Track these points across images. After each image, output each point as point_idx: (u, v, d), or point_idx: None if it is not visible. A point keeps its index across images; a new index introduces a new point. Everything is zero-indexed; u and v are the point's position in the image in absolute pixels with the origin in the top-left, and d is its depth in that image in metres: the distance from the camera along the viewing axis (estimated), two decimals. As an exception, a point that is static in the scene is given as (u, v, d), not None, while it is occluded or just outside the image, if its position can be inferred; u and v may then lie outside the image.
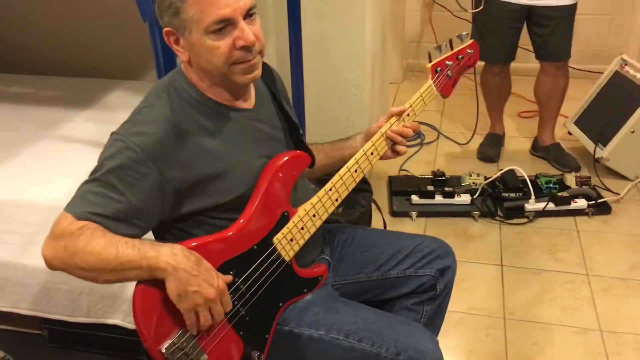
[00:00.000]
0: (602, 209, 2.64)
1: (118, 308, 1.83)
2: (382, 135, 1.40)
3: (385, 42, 3.29)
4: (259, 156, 1.30)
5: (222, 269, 1.19)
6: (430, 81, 1.49)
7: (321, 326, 1.30)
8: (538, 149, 3.11)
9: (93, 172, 1.18)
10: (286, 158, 1.31)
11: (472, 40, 1.59)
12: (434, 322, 1.56)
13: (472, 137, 3.18)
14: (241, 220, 1.24)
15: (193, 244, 1.17)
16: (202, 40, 1.16)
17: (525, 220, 2.60)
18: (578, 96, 3.16)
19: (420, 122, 3.46)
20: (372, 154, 1.39)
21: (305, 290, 1.36)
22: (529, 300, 2.18)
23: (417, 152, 3.19)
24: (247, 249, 1.24)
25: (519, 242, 2.48)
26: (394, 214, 2.67)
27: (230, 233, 1.22)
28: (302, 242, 1.31)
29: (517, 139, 3.30)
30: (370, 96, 2.90)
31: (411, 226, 2.61)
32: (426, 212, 2.66)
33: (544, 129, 3.05)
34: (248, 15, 1.18)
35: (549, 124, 3.05)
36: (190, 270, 1.10)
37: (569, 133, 3.17)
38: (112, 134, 1.21)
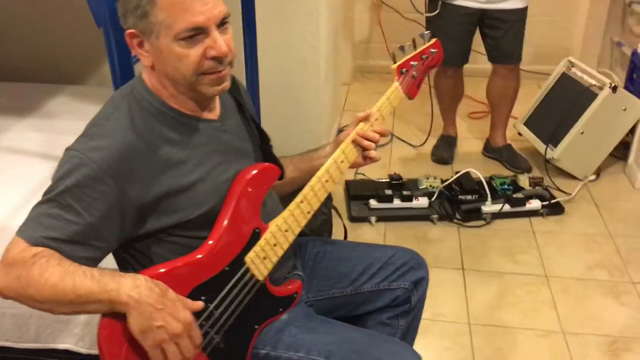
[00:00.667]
0: (556, 209, 2.68)
1: (70, 332, 1.70)
2: (351, 142, 1.35)
3: (337, 45, 3.26)
4: (226, 169, 1.22)
5: (193, 294, 1.11)
6: (396, 83, 1.44)
7: (300, 347, 1.24)
8: (490, 150, 3.15)
9: (47, 192, 1.08)
10: (255, 171, 1.23)
11: (435, 39, 1.53)
12: (408, 336, 1.52)
13: (427, 139, 3.18)
14: (210, 241, 1.16)
15: (160, 271, 1.09)
16: (170, 46, 1.08)
17: (482, 222, 2.62)
18: (524, 97, 3.20)
19: (373, 124, 3.47)
20: (342, 162, 1.33)
21: (280, 309, 1.29)
22: (491, 304, 2.18)
23: (372, 155, 3.17)
24: (218, 272, 1.16)
25: (478, 245, 2.49)
26: (352, 219, 2.63)
27: (199, 256, 1.14)
28: (275, 260, 1.24)
29: (469, 140, 3.33)
30: (325, 100, 2.86)
31: (370, 231, 2.58)
32: (385, 217, 2.63)
33: (495, 130, 3.09)
34: (221, 23, 1.10)
35: (501, 126, 3.08)
36: (154, 304, 1.02)
37: (519, 134, 3.22)
38: (67, 149, 1.11)
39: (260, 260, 1.21)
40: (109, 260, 1.18)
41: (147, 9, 1.06)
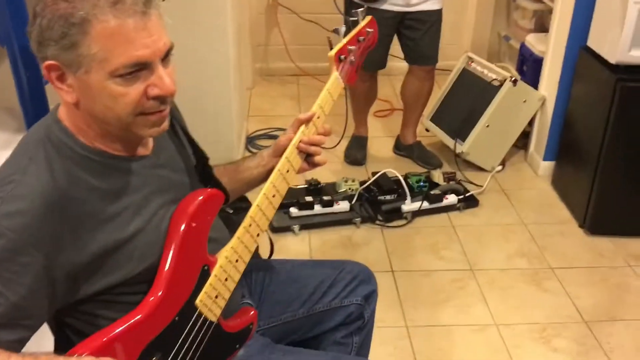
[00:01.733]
0: (471, 202, 2.75)
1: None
2: (295, 148, 1.24)
3: (241, 49, 3.15)
4: (166, 211, 1.07)
5: (145, 355, 0.99)
6: (335, 72, 1.32)
7: None
8: (401, 148, 3.18)
9: None
10: (197, 201, 1.07)
11: (370, 17, 1.44)
12: (362, 351, 1.48)
13: (340, 141, 3.15)
14: (151, 298, 1.01)
15: (102, 341, 0.94)
16: (104, 83, 0.92)
17: (404, 221, 2.63)
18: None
19: (279, 129, 3.41)
20: (287, 171, 1.22)
21: (237, 345, 1.19)
22: (425, 304, 2.19)
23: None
24: (167, 324, 1.02)
25: (403, 245, 2.50)
26: (274, 229, 2.54)
27: (139, 316, 0.99)
28: (228, 295, 1.13)
29: (378, 139, 3.35)
30: (234, 107, 2.75)
31: (295, 240, 2.51)
32: (308, 224, 2.57)
33: (407, 128, 3.12)
34: (165, 56, 0.96)
35: (413, 124, 3.12)
36: None
37: (426, 130, 3.28)
38: None
39: (212, 300, 1.09)
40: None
41: (76, 40, 0.89)
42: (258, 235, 1.17)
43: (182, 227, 1.05)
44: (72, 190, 0.96)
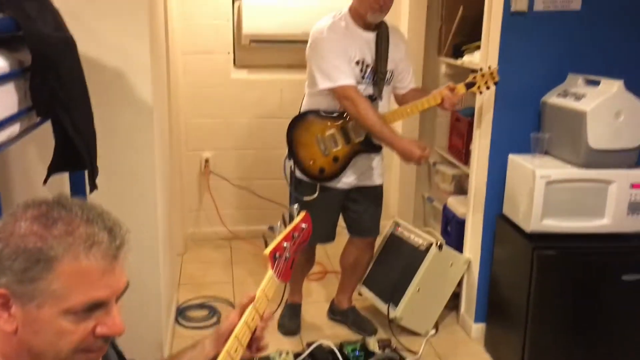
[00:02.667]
0: (407, 371, 2.72)
1: None
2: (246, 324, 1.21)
3: (172, 216, 3.16)
4: None
5: None
6: (270, 271, 1.33)
7: None
8: (336, 313, 3.16)
9: None
10: None
11: (304, 212, 1.49)
12: None
13: (277, 309, 3.09)
14: None
15: None
16: (54, 320, 0.87)
17: (340, 395, 2.55)
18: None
19: (212, 297, 3.34)
20: (236, 350, 1.18)
21: None
22: None
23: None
24: None
25: (340, 423, 2.40)
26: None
27: None
28: None
29: (313, 304, 3.32)
30: (163, 282, 2.69)
31: None
32: (241, 405, 2.44)
33: (343, 294, 3.13)
34: (121, 294, 0.95)
35: (349, 291, 3.14)
36: None
37: (359, 294, 3.30)
38: None
39: None
40: None
41: (39, 276, 0.86)
42: None
43: None
44: None
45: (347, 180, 2.79)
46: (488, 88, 2.66)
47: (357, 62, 2.63)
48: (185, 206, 4.08)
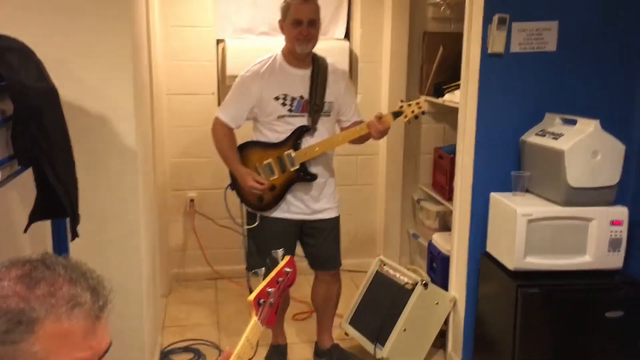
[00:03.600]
0: (395, 412, 2.69)
1: None
2: None
3: (156, 258, 3.14)
4: None
5: None
6: (254, 318, 1.32)
7: None
8: (320, 354, 3.13)
9: None
10: None
11: (288, 257, 1.47)
12: None
13: (256, 350, 3.06)
14: None
15: None
16: None
17: None
18: (343, 294, 3.26)
19: (196, 340, 3.30)
20: None
21: None
22: None
23: (200, 375, 2.96)
24: None
25: None
26: None
27: None
28: None
29: (298, 345, 3.29)
30: (146, 326, 2.66)
31: None
32: None
33: (322, 333, 3.11)
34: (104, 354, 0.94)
35: (327, 328, 3.12)
36: None
37: (346, 334, 3.27)
38: None
39: None
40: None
41: (20, 338, 0.84)
42: None
43: None
44: None
45: (295, 210, 2.85)
46: (416, 117, 2.78)
47: (277, 98, 2.77)
48: (170, 246, 4.06)
